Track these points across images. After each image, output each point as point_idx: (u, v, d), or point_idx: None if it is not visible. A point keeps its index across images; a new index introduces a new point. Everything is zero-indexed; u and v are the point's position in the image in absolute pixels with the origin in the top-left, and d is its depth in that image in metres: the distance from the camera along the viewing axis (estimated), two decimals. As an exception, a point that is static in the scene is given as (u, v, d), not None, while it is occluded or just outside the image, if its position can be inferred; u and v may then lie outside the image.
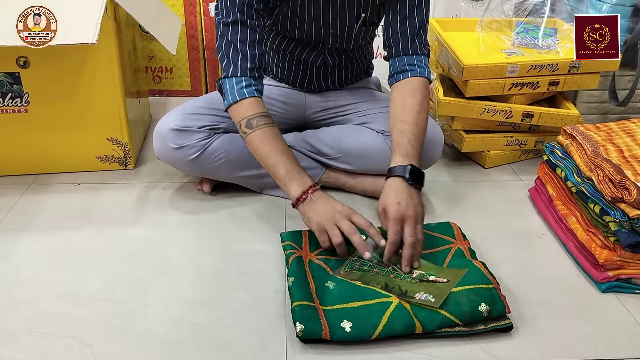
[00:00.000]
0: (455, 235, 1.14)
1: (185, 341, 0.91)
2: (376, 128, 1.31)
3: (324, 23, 1.23)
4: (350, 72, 1.40)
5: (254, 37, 1.13)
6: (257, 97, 1.13)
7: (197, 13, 1.87)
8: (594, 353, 0.91)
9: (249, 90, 1.12)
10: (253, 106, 1.11)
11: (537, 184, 1.34)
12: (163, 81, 1.97)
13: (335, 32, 1.26)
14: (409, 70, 1.19)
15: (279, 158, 1.09)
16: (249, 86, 1.12)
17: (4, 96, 1.32)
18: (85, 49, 1.29)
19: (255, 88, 1.13)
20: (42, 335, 0.91)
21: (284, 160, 1.09)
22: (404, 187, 1.06)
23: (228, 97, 1.13)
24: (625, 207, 1.00)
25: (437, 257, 1.07)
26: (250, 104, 1.12)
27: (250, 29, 1.12)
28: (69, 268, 1.08)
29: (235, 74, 1.12)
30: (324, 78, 1.36)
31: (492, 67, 1.39)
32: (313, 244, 1.10)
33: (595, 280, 1.06)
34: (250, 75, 1.13)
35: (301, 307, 0.91)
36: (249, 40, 1.12)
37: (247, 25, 1.12)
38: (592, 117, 1.61)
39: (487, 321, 0.92)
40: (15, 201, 1.30)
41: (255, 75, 1.14)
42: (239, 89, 1.12)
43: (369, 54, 1.44)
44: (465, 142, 1.48)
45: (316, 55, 1.31)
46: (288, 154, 1.11)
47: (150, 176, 1.43)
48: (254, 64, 1.13)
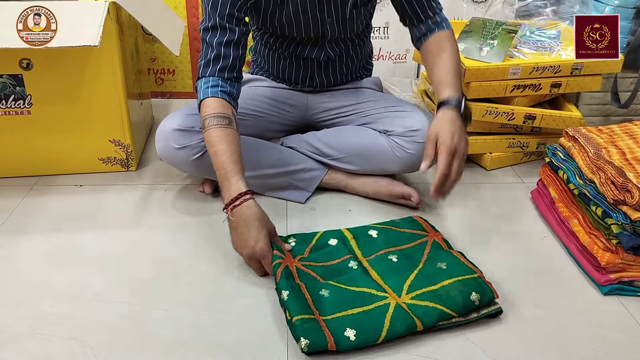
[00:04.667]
0: (425, 228, 1.16)
1: (186, 343, 0.91)
2: (379, 128, 1.32)
3: (320, 14, 1.24)
4: (351, 66, 1.39)
5: (232, 39, 1.13)
6: (219, 98, 1.11)
7: (200, 15, 1.88)
8: (595, 356, 0.91)
9: (213, 90, 1.11)
10: (212, 106, 1.10)
11: (539, 186, 1.33)
12: (165, 83, 1.98)
13: (332, 21, 1.26)
14: (434, 30, 1.25)
15: (217, 162, 1.07)
16: (214, 87, 1.11)
17: (7, 98, 1.32)
18: (88, 51, 1.30)
19: (222, 89, 1.12)
20: (44, 336, 0.91)
21: (220, 165, 1.06)
22: (458, 122, 1.10)
23: (199, 97, 1.13)
24: (627, 210, 1.00)
25: (415, 252, 1.09)
26: (210, 104, 1.10)
27: (229, 32, 1.13)
28: (71, 269, 1.08)
29: (205, 74, 1.13)
30: (325, 73, 1.36)
31: (494, 69, 1.39)
32: (294, 249, 1.11)
33: (597, 282, 1.06)
34: (220, 76, 1.12)
35: (302, 321, 0.90)
36: (226, 41, 1.12)
37: (226, 29, 1.12)
38: (595, 120, 1.60)
39: (479, 309, 0.95)
40: (18, 203, 1.30)
41: (225, 76, 1.13)
42: (204, 89, 1.11)
43: (367, 47, 1.44)
44: (467, 144, 1.48)
45: (318, 50, 1.31)
46: (225, 158, 1.06)
47: (153, 178, 1.43)
48: (226, 63, 1.12)
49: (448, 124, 1.09)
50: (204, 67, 1.13)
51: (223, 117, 1.09)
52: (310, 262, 1.07)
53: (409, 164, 1.28)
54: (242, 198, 1.04)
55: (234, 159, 1.06)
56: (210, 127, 1.08)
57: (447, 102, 1.13)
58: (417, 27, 1.26)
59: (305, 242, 1.12)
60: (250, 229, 1.03)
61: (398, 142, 1.28)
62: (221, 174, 1.06)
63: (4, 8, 1.21)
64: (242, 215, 1.03)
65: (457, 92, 1.15)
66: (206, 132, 1.09)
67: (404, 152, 1.27)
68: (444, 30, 1.25)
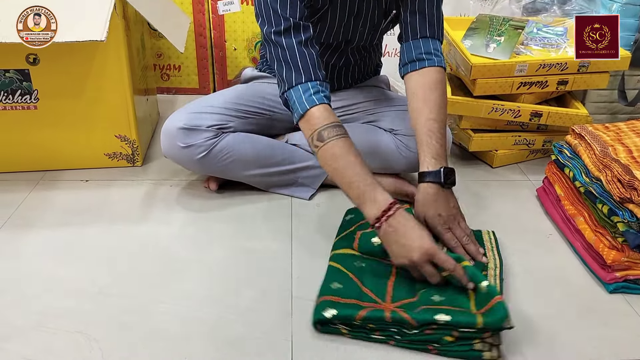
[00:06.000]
0: None
1: (191, 337, 0.91)
2: (385, 126, 1.31)
3: (354, 22, 1.22)
4: (363, 70, 1.39)
5: (309, 36, 1.06)
6: (326, 104, 1.04)
7: (205, 11, 1.88)
8: (600, 354, 0.91)
9: (318, 97, 1.03)
10: (323, 116, 1.02)
11: (545, 184, 1.33)
12: (171, 79, 1.98)
13: (363, 30, 1.24)
14: (426, 60, 1.15)
15: (349, 176, 1.00)
16: (317, 93, 1.03)
17: (13, 93, 1.33)
18: (94, 47, 1.30)
19: (324, 94, 1.05)
20: (50, 330, 0.92)
21: (355, 178, 0.99)
22: (441, 194, 1.06)
23: (297, 109, 1.04)
24: (633, 208, 0.99)
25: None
26: (321, 113, 1.02)
27: (304, 30, 1.05)
28: (77, 264, 1.09)
29: (300, 81, 1.04)
30: (338, 77, 1.36)
31: (500, 66, 1.39)
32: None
33: (603, 280, 1.05)
34: (317, 79, 1.05)
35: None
36: (305, 40, 1.05)
37: (300, 28, 1.05)
38: (601, 117, 1.60)
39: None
40: (24, 197, 1.31)
41: (320, 77, 1.05)
42: (307, 98, 1.03)
43: (379, 51, 1.44)
44: (473, 141, 1.48)
45: (339, 55, 1.30)
46: (359, 170, 1.00)
47: (158, 173, 1.44)
48: (315, 62, 1.05)
49: (431, 203, 1.05)
50: (296, 74, 1.04)
51: (339, 126, 1.03)
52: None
53: (414, 163, 1.27)
54: (394, 207, 0.97)
55: (368, 170, 1.00)
56: (332, 139, 1.00)
57: (427, 176, 1.06)
58: (408, 43, 1.17)
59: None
60: (413, 232, 0.95)
61: (404, 141, 1.27)
62: (360, 187, 0.98)
63: (4, 8, 1.20)
64: (400, 222, 0.96)
65: (438, 161, 1.07)
66: (327, 144, 1.01)
67: (409, 151, 1.27)
68: (435, 66, 1.15)
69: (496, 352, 0.87)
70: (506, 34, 1.43)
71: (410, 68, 1.17)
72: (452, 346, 0.87)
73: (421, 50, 1.16)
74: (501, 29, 1.44)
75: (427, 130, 1.10)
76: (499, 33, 1.43)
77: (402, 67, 1.20)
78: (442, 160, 1.08)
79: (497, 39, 1.42)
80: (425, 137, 1.09)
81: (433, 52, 1.16)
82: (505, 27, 1.44)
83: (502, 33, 1.43)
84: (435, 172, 1.06)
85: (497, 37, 1.42)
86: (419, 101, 1.13)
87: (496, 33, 1.44)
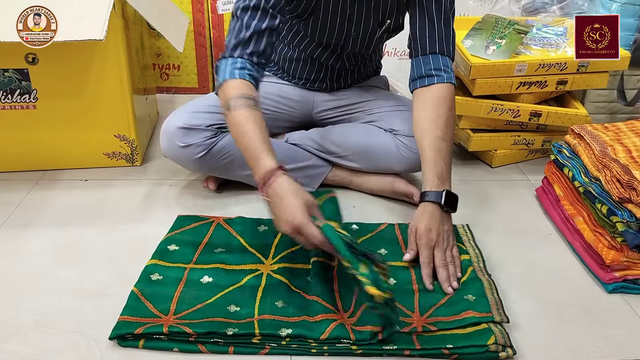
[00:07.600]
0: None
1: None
2: (384, 126, 1.31)
3: (347, 26, 1.22)
4: (363, 72, 1.40)
5: (272, 25, 1.07)
6: (245, 80, 1.05)
7: (205, 10, 1.88)
8: (599, 354, 0.91)
9: (240, 72, 1.05)
10: (238, 87, 1.03)
11: (544, 184, 1.33)
12: (170, 78, 1.98)
13: (357, 36, 1.25)
14: (435, 76, 1.16)
15: (245, 143, 1.00)
16: (242, 69, 1.05)
17: (12, 92, 1.33)
18: (93, 46, 1.30)
19: (249, 73, 1.06)
20: (49, 330, 0.92)
21: (250, 144, 0.99)
22: (437, 214, 1.06)
23: (218, 78, 1.06)
24: (632, 208, 0.99)
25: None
26: (237, 85, 1.04)
27: (270, 17, 1.07)
28: (76, 263, 1.09)
29: (233, 55, 1.06)
30: (337, 79, 1.37)
31: (499, 66, 1.39)
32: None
33: (602, 280, 1.05)
34: (249, 59, 1.06)
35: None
36: (265, 27, 1.06)
37: (267, 13, 1.06)
38: (601, 117, 1.60)
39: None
40: (23, 197, 1.31)
41: (255, 60, 1.07)
42: (230, 70, 1.05)
43: (379, 54, 1.44)
44: (472, 141, 1.48)
45: (335, 58, 1.31)
46: (253, 136, 0.99)
47: (157, 173, 1.44)
48: (260, 49, 1.07)
49: (426, 218, 1.05)
50: (234, 48, 1.07)
51: (250, 99, 1.03)
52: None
53: (414, 163, 1.28)
54: (272, 177, 0.96)
55: (263, 138, 0.99)
56: (237, 108, 1.01)
57: (427, 196, 1.07)
58: (418, 59, 1.18)
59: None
60: (285, 205, 0.94)
61: (404, 141, 1.27)
62: (249, 153, 0.99)
63: (4, 8, 1.20)
64: (276, 194, 0.95)
65: (443, 184, 1.08)
66: (232, 113, 1.02)
67: (410, 151, 1.27)
68: (444, 83, 1.15)
69: (511, 351, 0.87)
70: (508, 37, 1.42)
71: (420, 84, 1.17)
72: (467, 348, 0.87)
73: (431, 67, 1.17)
74: (504, 32, 1.43)
75: (435, 148, 1.10)
76: (501, 36, 1.43)
77: (411, 83, 1.20)
78: (445, 182, 1.09)
79: (498, 41, 1.41)
80: (432, 155, 1.10)
81: (443, 69, 1.16)
82: (509, 30, 1.43)
83: (505, 36, 1.43)
84: (437, 193, 1.07)
85: (498, 40, 1.42)
86: (428, 119, 1.13)
87: (498, 35, 1.43)
